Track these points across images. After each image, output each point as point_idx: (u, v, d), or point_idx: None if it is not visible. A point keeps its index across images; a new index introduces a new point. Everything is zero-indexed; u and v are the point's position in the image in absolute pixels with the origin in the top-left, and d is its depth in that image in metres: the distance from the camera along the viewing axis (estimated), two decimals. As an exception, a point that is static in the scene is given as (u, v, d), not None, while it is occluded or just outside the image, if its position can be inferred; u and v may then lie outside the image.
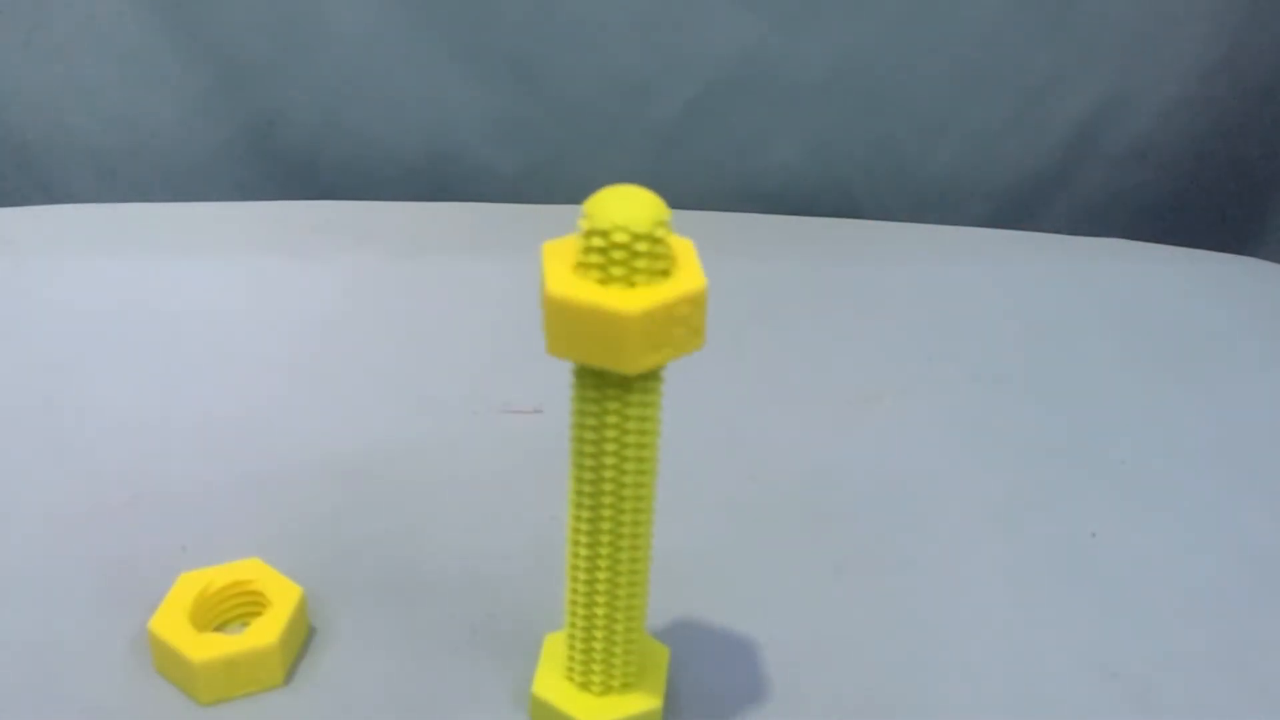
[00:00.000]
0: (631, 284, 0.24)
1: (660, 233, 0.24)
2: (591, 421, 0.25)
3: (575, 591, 0.29)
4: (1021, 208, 0.67)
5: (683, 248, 0.25)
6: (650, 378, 0.25)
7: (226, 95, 0.60)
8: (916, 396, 0.46)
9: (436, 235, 0.56)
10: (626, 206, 0.24)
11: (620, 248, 0.23)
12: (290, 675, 0.32)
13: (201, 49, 0.59)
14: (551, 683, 0.31)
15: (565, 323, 0.24)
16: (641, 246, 0.24)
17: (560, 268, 0.25)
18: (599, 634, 0.29)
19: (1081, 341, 0.51)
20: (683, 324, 0.25)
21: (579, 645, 0.29)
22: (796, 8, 0.59)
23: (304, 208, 0.58)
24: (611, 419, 0.25)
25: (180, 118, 0.60)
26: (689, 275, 0.25)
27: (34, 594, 0.34)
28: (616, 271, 0.24)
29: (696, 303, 0.24)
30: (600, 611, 0.29)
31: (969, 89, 0.62)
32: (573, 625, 0.29)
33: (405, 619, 0.34)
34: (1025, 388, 0.47)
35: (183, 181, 0.62)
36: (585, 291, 0.24)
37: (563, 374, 0.26)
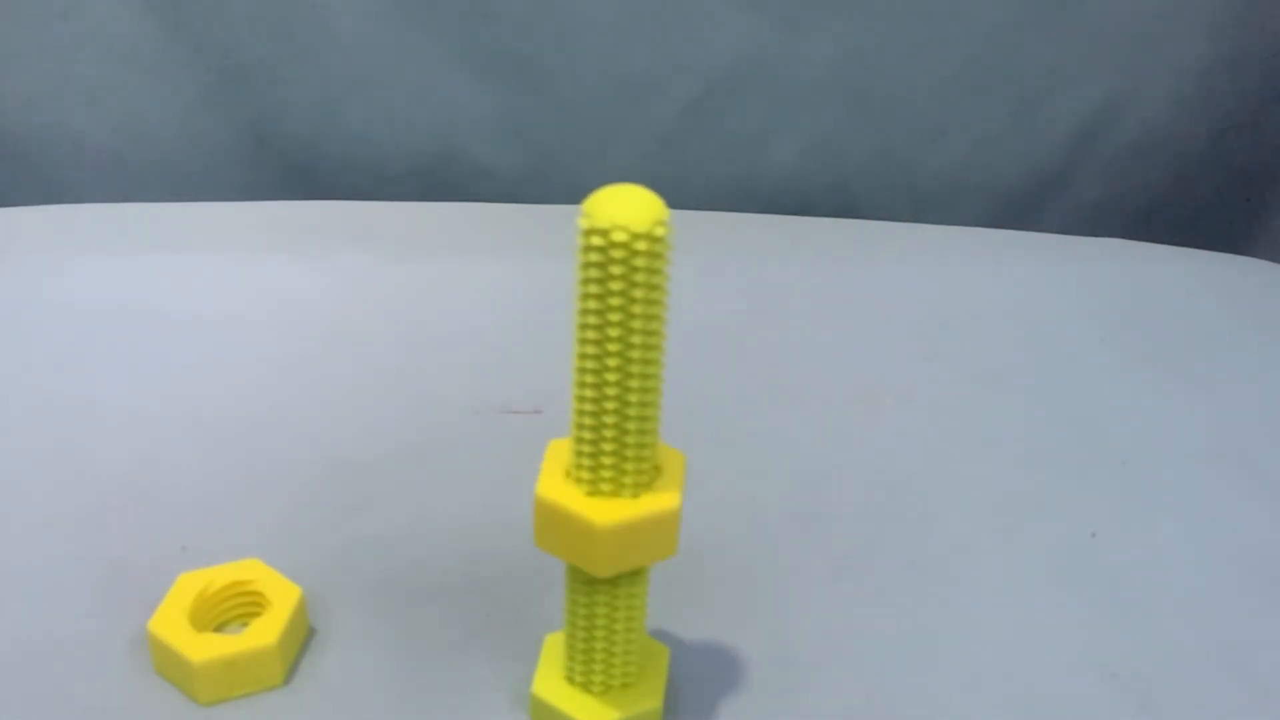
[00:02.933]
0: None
1: (659, 231, 0.24)
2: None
3: (575, 590, 0.28)
4: (1021, 208, 0.67)
5: (671, 459, 0.28)
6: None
7: (226, 95, 0.60)
8: (916, 396, 0.46)
9: (436, 235, 0.56)
10: (626, 206, 0.24)
11: (619, 246, 0.23)
12: (290, 675, 0.32)
13: (201, 49, 0.59)
14: (551, 683, 0.31)
15: (549, 522, 0.27)
16: (640, 245, 0.24)
17: (555, 471, 0.27)
18: (599, 633, 0.29)
19: (1081, 341, 0.51)
20: (655, 537, 0.27)
21: (579, 644, 0.29)
22: (797, 8, 0.59)
23: (304, 208, 0.58)
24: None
25: (180, 117, 0.60)
26: (666, 492, 0.27)
27: (34, 594, 0.34)
28: (615, 270, 0.24)
29: (669, 521, 0.27)
30: (601, 610, 0.28)
31: (969, 89, 0.62)
32: (572, 625, 0.29)
33: (405, 619, 0.34)
34: (1025, 388, 0.47)
35: (183, 181, 0.62)
36: (568, 498, 0.27)
37: (563, 374, 0.26)
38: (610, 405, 0.26)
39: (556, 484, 0.27)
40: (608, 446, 0.26)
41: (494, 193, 0.62)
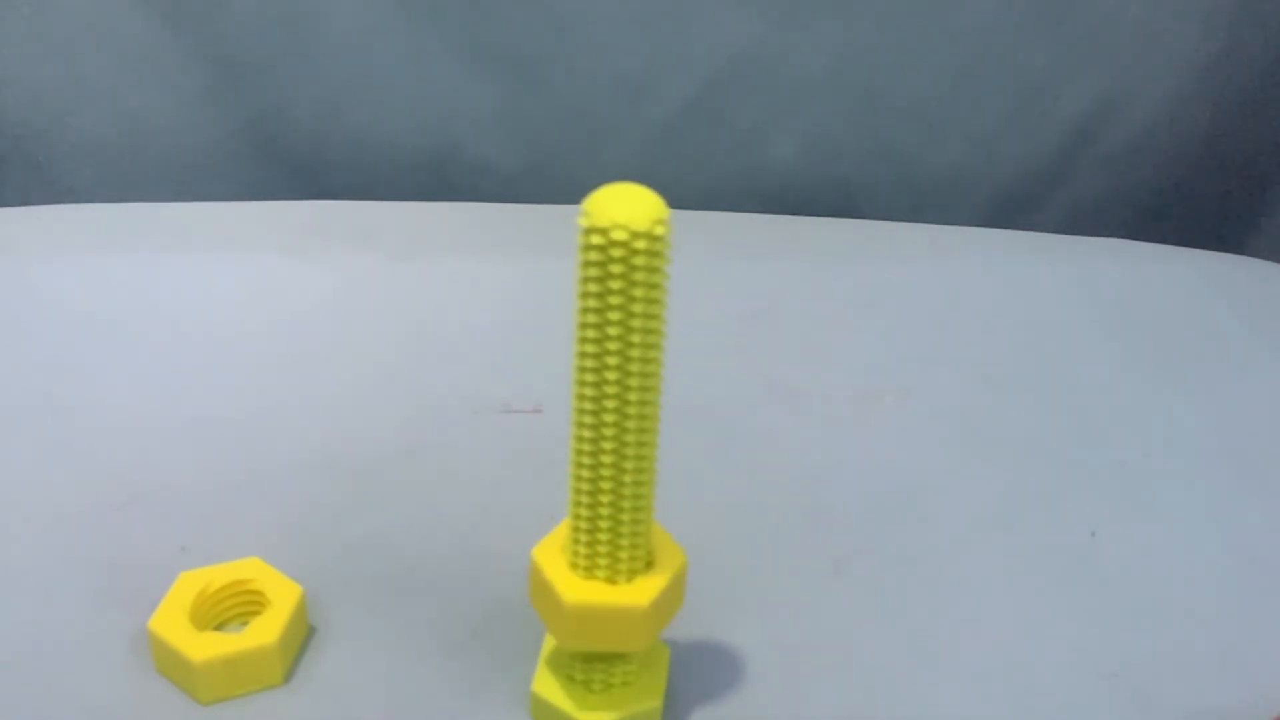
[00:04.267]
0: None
1: (659, 230, 0.24)
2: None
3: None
4: (1020, 207, 0.67)
5: (669, 557, 0.29)
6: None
7: (227, 92, 0.60)
8: (916, 396, 0.46)
9: (436, 235, 0.56)
10: (626, 204, 0.24)
11: (619, 245, 0.23)
12: (290, 675, 0.32)
13: (202, 46, 0.59)
14: (551, 682, 0.31)
15: (535, 583, 0.29)
16: (640, 244, 0.24)
17: (560, 568, 0.28)
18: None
19: (1081, 341, 0.51)
20: (621, 627, 0.28)
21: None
22: (795, 6, 0.59)
23: (304, 207, 0.58)
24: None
25: (181, 114, 0.60)
26: (647, 584, 0.28)
27: (34, 594, 0.34)
28: (615, 269, 0.24)
29: (637, 617, 0.28)
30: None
31: (968, 88, 0.62)
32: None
33: (405, 619, 0.34)
34: (1025, 387, 0.47)
35: (184, 178, 0.62)
36: (551, 565, 0.28)
37: (563, 374, 0.26)
38: (610, 404, 0.26)
39: (550, 550, 0.29)
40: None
41: (493, 190, 0.62)
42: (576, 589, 0.28)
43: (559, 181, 0.61)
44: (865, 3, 0.59)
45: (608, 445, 0.26)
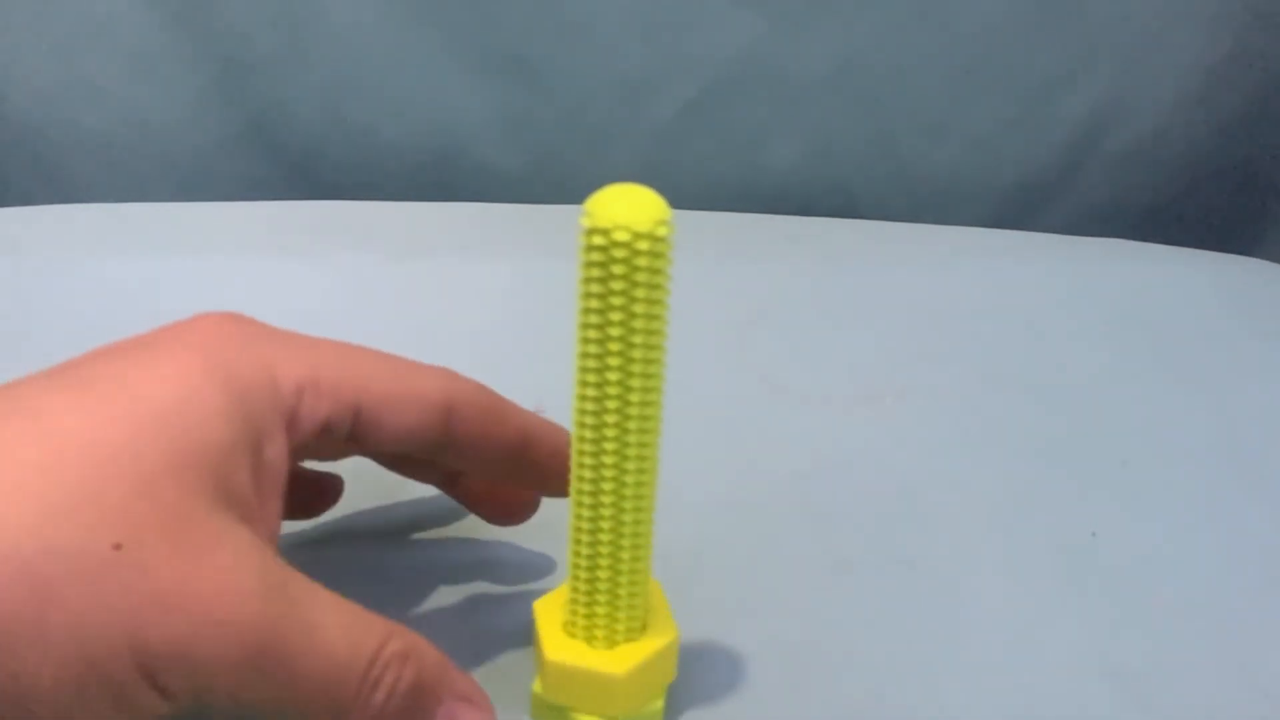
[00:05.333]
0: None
1: (661, 231, 0.24)
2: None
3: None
4: (1022, 208, 0.67)
5: (663, 628, 0.30)
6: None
7: (229, 92, 0.60)
8: (916, 396, 0.46)
9: (437, 235, 0.56)
10: (628, 205, 0.24)
11: (621, 246, 0.23)
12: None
13: (203, 46, 0.59)
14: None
15: (562, 680, 0.29)
16: (642, 245, 0.24)
17: (553, 629, 0.29)
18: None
19: (1082, 342, 0.51)
20: (597, 691, 0.29)
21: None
22: (797, 7, 0.59)
23: (304, 208, 0.58)
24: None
25: (182, 114, 0.60)
26: (627, 652, 0.29)
27: None
28: (617, 269, 0.24)
29: (612, 684, 0.28)
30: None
31: (969, 89, 0.62)
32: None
33: (405, 619, 0.34)
34: (1025, 388, 0.47)
35: (185, 178, 0.62)
36: (577, 655, 0.29)
37: (563, 374, 0.26)
38: (611, 404, 0.26)
39: (550, 605, 0.30)
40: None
41: (494, 191, 0.62)
42: (560, 648, 0.29)
43: (560, 182, 0.61)
44: (867, 4, 0.59)
45: (609, 459, 0.26)
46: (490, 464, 0.32)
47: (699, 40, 0.60)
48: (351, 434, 0.28)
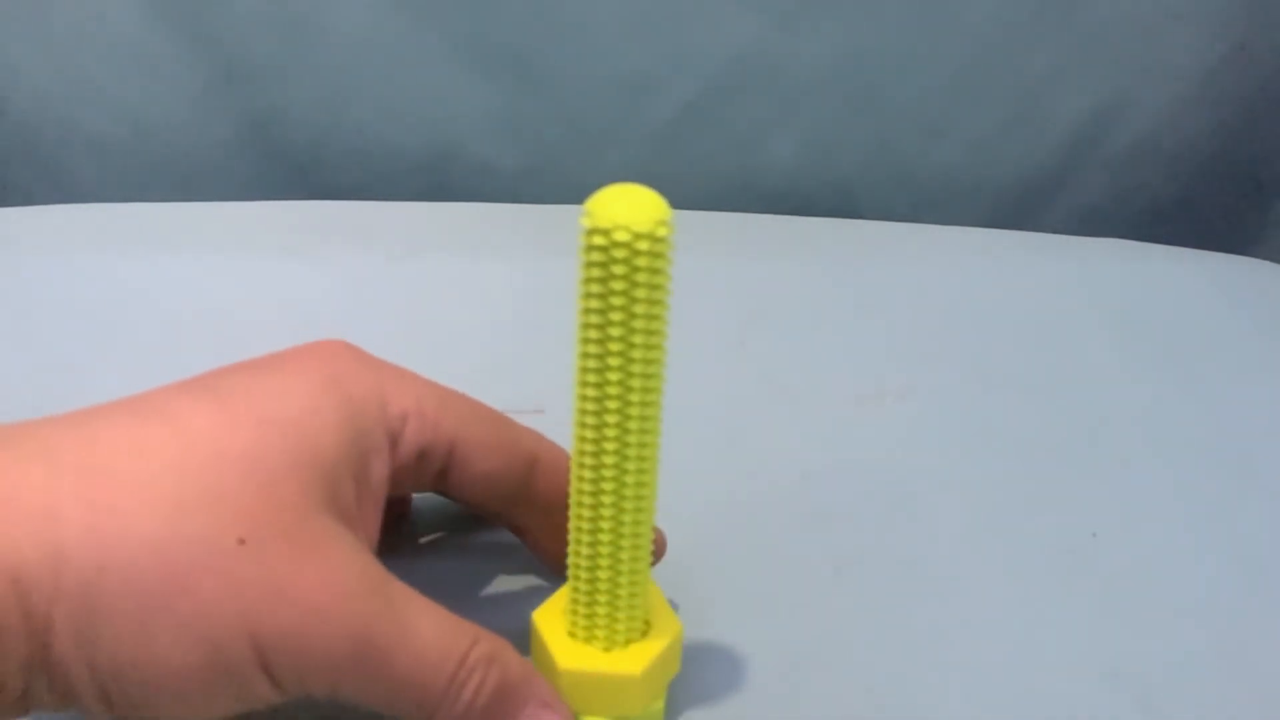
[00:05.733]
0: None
1: (661, 232, 0.24)
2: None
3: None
4: (1021, 208, 0.67)
5: (666, 628, 0.30)
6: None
7: (228, 92, 0.60)
8: (916, 396, 0.46)
9: (436, 235, 0.56)
10: (628, 205, 0.24)
11: (621, 246, 0.24)
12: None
13: (203, 46, 0.59)
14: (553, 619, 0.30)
15: (576, 686, 0.29)
16: (643, 245, 0.24)
17: (558, 636, 0.29)
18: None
19: (1082, 342, 0.51)
20: (670, 664, 0.30)
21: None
22: (797, 7, 0.59)
23: (304, 208, 0.58)
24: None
25: (182, 114, 0.60)
26: (667, 626, 0.29)
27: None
28: (617, 270, 0.24)
29: (623, 684, 0.29)
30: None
31: (969, 89, 0.62)
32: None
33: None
34: (1025, 388, 0.47)
35: (184, 178, 0.62)
36: (590, 660, 0.29)
37: (563, 374, 0.26)
38: (612, 404, 0.26)
39: (550, 614, 0.30)
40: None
41: (494, 191, 0.62)
42: (571, 654, 0.29)
43: (559, 182, 0.61)
44: (867, 4, 0.59)
45: (609, 459, 0.26)
46: (560, 527, 0.33)
47: (699, 40, 0.59)
48: (442, 468, 0.31)
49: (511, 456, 0.31)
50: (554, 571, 0.34)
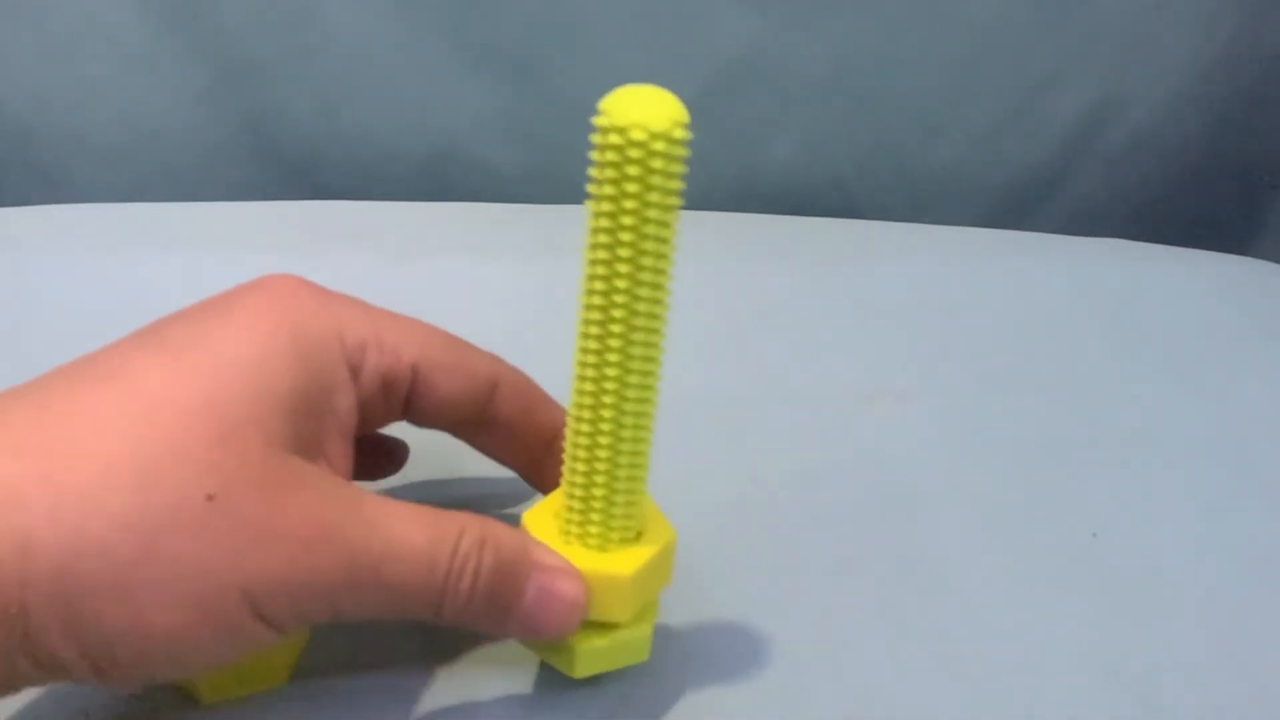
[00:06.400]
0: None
1: (678, 133, 0.23)
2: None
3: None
4: (1020, 207, 0.67)
5: (659, 532, 0.29)
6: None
7: (227, 93, 0.60)
8: (916, 396, 0.46)
9: (436, 235, 0.56)
10: (645, 105, 0.23)
11: (637, 146, 0.23)
12: (293, 674, 0.32)
13: (201, 47, 0.59)
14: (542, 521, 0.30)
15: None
16: (659, 146, 0.23)
17: (550, 534, 0.29)
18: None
19: (1081, 341, 0.51)
20: (661, 572, 0.30)
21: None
22: (796, 7, 0.59)
23: (304, 208, 0.58)
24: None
25: (181, 115, 0.60)
26: (660, 532, 0.29)
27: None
28: (632, 170, 0.23)
29: (617, 586, 0.28)
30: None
31: (967, 88, 0.62)
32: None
33: (405, 619, 0.34)
34: (1024, 388, 0.47)
35: (184, 179, 0.62)
36: (582, 560, 0.28)
37: (563, 374, 0.26)
38: (616, 328, 0.25)
39: (541, 515, 0.30)
40: (605, 424, 0.26)
41: (493, 191, 0.62)
42: (563, 555, 0.28)
43: (559, 183, 0.61)
44: (866, 4, 0.59)
45: (614, 344, 0.25)
46: (523, 451, 0.33)
47: (698, 40, 0.60)
48: (408, 395, 0.31)
49: (473, 380, 0.32)
50: (527, 481, 0.35)
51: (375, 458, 0.36)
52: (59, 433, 0.24)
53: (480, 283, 0.52)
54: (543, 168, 0.63)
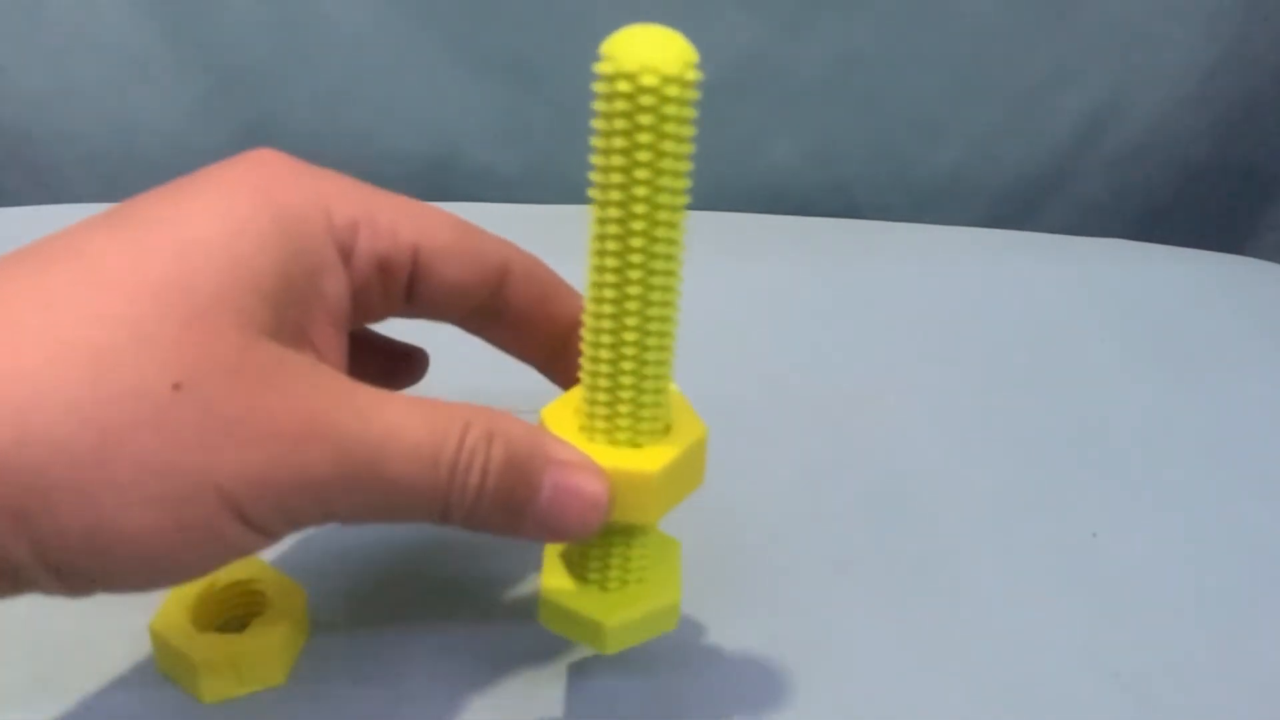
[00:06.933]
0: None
1: (690, 76, 0.22)
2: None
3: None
4: (1021, 208, 0.67)
5: (689, 429, 0.27)
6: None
7: (225, 98, 0.60)
8: (916, 396, 0.46)
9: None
10: (653, 47, 0.22)
11: (649, 92, 0.22)
12: (291, 674, 0.32)
13: (200, 52, 0.59)
14: (562, 582, 0.29)
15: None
16: (672, 91, 0.22)
17: (571, 431, 0.26)
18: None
19: (1081, 341, 0.51)
20: (693, 471, 0.27)
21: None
22: (796, 8, 0.59)
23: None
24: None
25: (179, 121, 0.60)
26: (690, 428, 0.27)
27: (36, 594, 0.34)
28: (644, 119, 0.22)
29: (641, 483, 0.26)
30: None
31: (968, 89, 0.63)
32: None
33: (405, 618, 0.34)
34: (1025, 388, 0.47)
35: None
36: (609, 457, 0.25)
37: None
38: (635, 274, 0.24)
39: (561, 412, 0.27)
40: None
41: (493, 194, 0.62)
42: (586, 452, 0.26)
43: (559, 184, 0.61)
44: (866, 5, 0.59)
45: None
46: (539, 343, 0.31)
47: (699, 40, 0.59)
48: (409, 282, 0.28)
49: (481, 264, 0.29)
50: (545, 375, 0.33)
51: (391, 366, 0.33)
52: (5, 314, 0.21)
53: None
54: (543, 168, 0.63)
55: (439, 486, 0.24)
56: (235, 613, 0.33)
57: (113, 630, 0.32)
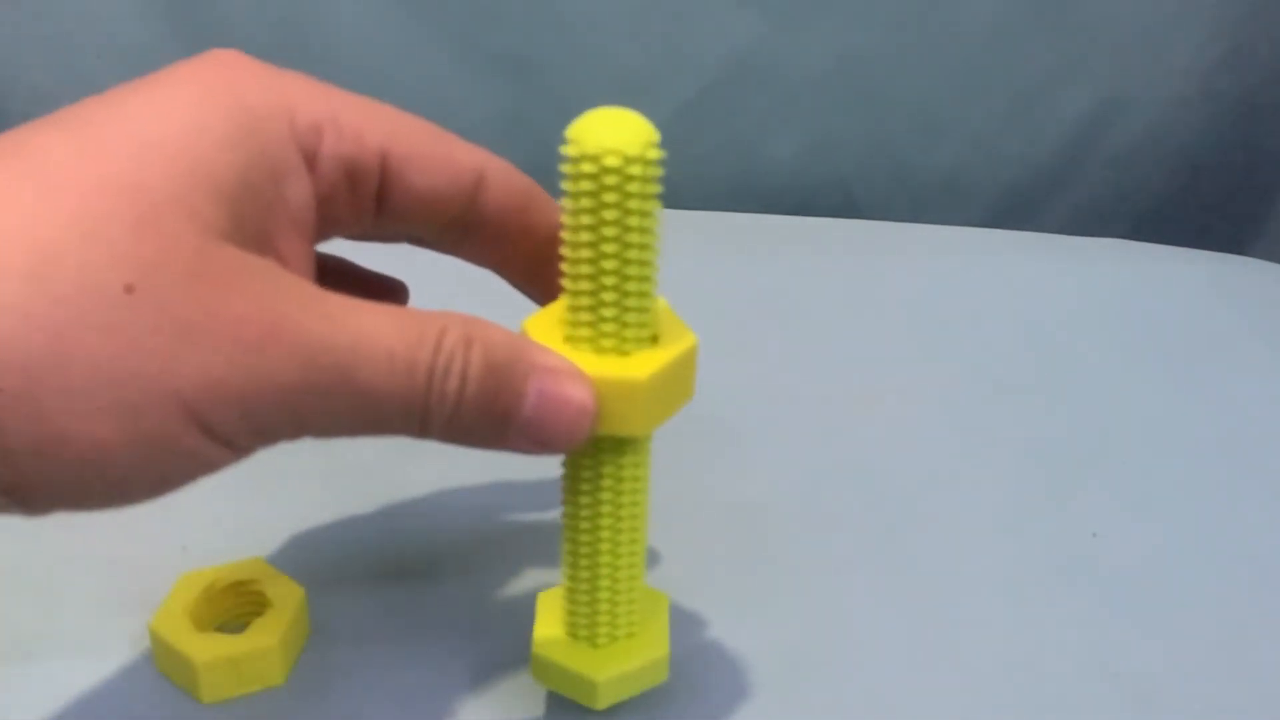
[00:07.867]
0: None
1: (652, 154, 0.23)
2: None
3: (576, 543, 0.27)
4: (1021, 207, 0.67)
5: (671, 323, 0.27)
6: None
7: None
8: (916, 396, 0.46)
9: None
10: (615, 129, 0.23)
11: (612, 172, 0.23)
12: (291, 674, 0.32)
13: (202, 46, 0.59)
14: (553, 641, 0.30)
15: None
16: (635, 170, 0.23)
17: (555, 340, 0.26)
18: (604, 582, 0.27)
19: (1081, 341, 0.51)
20: (682, 383, 0.27)
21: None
22: (796, 7, 0.59)
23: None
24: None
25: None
26: (679, 335, 0.26)
27: (35, 593, 0.34)
28: (609, 198, 0.23)
29: (691, 358, 0.26)
30: (604, 559, 0.27)
31: (968, 88, 0.63)
32: (574, 579, 0.28)
33: (405, 618, 0.34)
34: (1025, 388, 0.47)
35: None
36: (594, 366, 0.25)
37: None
38: (608, 321, 0.25)
39: (545, 322, 0.27)
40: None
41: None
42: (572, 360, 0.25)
43: (558, 182, 0.61)
44: (866, 3, 0.59)
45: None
46: (517, 255, 0.29)
47: (698, 39, 0.60)
48: (379, 190, 0.27)
49: (454, 170, 0.27)
50: (524, 293, 0.32)
51: (369, 298, 0.33)
52: None
53: (480, 283, 0.52)
54: (543, 168, 0.63)
55: (416, 394, 0.23)
56: (235, 613, 0.33)
57: (113, 630, 0.32)
